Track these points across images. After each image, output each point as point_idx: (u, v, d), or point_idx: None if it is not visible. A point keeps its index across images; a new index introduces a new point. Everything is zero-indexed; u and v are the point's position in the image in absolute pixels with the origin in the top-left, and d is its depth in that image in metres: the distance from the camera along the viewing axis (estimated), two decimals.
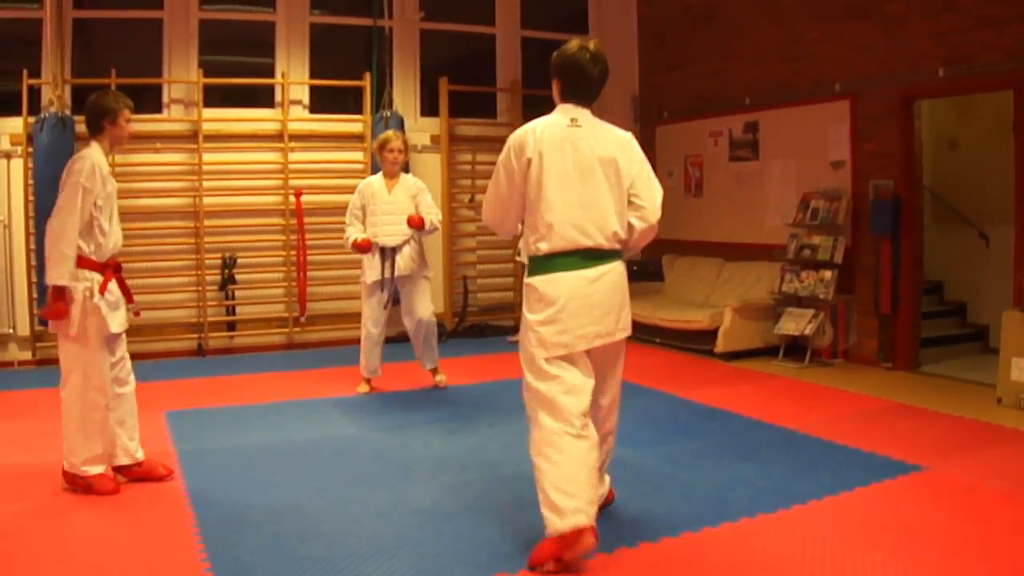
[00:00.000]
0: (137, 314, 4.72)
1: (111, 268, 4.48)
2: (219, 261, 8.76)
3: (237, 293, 8.92)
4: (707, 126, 9.76)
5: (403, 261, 6.68)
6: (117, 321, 4.53)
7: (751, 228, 9.17)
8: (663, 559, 3.63)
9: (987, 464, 4.83)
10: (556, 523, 3.43)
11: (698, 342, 8.57)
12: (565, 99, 3.82)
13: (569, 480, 3.46)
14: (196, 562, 3.59)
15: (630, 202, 3.76)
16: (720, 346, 8.27)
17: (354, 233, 6.69)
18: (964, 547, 3.70)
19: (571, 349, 3.59)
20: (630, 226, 3.77)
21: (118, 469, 4.63)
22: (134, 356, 8.25)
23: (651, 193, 3.81)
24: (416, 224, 6.61)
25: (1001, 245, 7.83)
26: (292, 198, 8.86)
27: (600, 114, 3.94)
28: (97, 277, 4.42)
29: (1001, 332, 6.39)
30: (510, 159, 3.70)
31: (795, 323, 7.94)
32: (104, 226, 4.40)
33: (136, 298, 8.41)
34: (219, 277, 8.78)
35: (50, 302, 4.31)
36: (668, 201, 10.25)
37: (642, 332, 9.34)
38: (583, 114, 3.78)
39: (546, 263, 3.64)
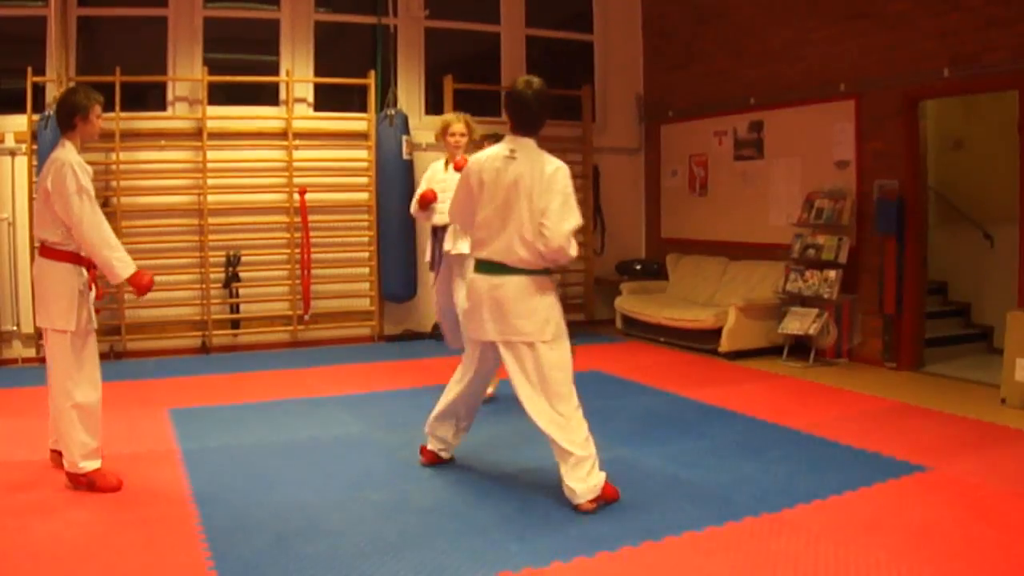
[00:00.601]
0: (98, 311, 4.87)
1: (92, 264, 4.54)
2: (223, 259, 8.76)
3: (241, 291, 8.92)
4: (712, 125, 9.76)
5: (448, 240, 6.20)
6: (93, 314, 4.63)
7: (756, 227, 9.17)
8: (667, 558, 3.64)
9: (991, 464, 4.83)
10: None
11: (702, 341, 8.57)
12: (513, 130, 4.37)
13: (443, 399, 4.84)
14: (200, 560, 3.59)
15: (540, 228, 4.17)
16: (724, 345, 8.27)
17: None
18: (968, 547, 3.70)
19: (478, 337, 4.45)
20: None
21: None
22: (137, 353, 8.40)
23: (557, 222, 4.13)
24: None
25: (1006, 245, 7.82)
26: (296, 196, 8.86)
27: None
28: (85, 272, 4.53)
29: (1005, 332, 6.39)
30: (467, 179, 4.46)
31: (799, 322, 7.94)
32: None
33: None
34: (223, 275, 8.78)
35: (139, 285, 4.53)
36: (672, 200, 10.27)
37: (646, 331, 9.36)
38: (524, 145, 4.31)
39: (475, 266, 4.45)
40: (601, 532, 3.89)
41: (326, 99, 9.42)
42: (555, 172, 4.19)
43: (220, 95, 8.91)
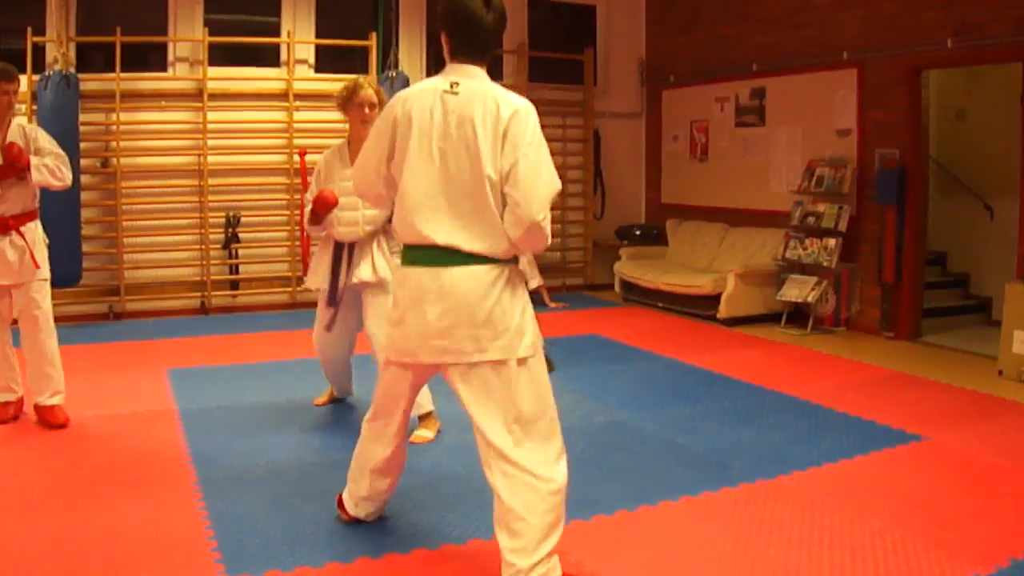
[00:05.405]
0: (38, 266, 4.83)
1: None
2: (223, 220, 8.75)
3: (240, 252, 8.92)
4: (714, 91, 9.70)
5: (362, 265, 4.73)
6: None
7: (756, 194, 9.15)
8: (663, 523, 3.67)
9: (987, 435, 4.86)
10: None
11: (701, 307, 8.58)
12: (453, 56, 3.05)
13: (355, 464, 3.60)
14: (197, 520, 3.62)
15: (505, 198, 2.89)
16: (723, 311, 8.28)
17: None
18: (962, 516, 3.73)
19: (413, 358, 3.07)
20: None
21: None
22: (136, 314, 8.40)
23: (528, 187, 2.83)
24: None
25: (1005, 217, 7.81)
26: (296, 157, 8.81)
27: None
28: None
29: (1003, 304, 6.39)
30: (385, 122, 3.06)
31: (798, 290, 7.94)
32: None
33: (140, 256, 8.48)
34: (223, 236, 8.78)
35: None
36: (673, 166, 10.15)
37: (645, 296, 9.38)
38: (473, 74, 2.99)
39: (403, 253, 3.10)
40: (597, 496, 3.91)
41: (327, 60, 9.34)
42: (516, 115, 2.87)
43: (220, 56, 8.84)
